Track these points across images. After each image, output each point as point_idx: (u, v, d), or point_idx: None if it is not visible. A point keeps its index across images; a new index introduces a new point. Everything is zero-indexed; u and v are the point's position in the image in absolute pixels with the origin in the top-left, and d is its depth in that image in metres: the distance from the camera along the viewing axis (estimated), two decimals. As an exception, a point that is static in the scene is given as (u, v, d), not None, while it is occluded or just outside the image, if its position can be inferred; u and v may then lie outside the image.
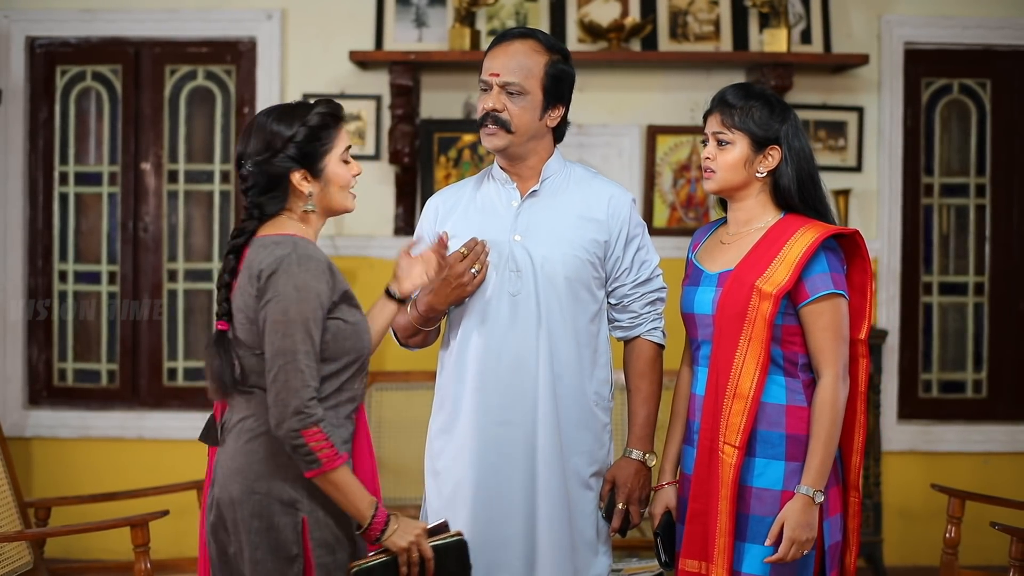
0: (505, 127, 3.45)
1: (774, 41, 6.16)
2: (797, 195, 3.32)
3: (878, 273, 6.46)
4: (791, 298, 3.26)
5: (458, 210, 3.60)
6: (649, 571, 4.32)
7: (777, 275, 3.22)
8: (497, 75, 3.46)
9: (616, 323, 3.62)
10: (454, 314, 3.57)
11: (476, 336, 3.50)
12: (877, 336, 6.33)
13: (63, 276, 6.68)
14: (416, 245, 3.49)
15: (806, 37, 6.40)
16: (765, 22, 6.27)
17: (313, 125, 3.14)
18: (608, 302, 3.60)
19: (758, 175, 3.34)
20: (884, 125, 6.47)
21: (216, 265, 6.55)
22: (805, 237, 3.24)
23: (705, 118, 3.42)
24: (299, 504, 3.07)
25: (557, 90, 3.50)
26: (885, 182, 6.48)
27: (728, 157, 3.34)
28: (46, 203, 6.66)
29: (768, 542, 3.23)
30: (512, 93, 3.44)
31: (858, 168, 6.49)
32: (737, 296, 3.28)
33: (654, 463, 3.61)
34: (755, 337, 3.24)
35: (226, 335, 3.12)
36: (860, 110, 6.46)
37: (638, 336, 3.61)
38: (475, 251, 3.44)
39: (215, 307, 3.18)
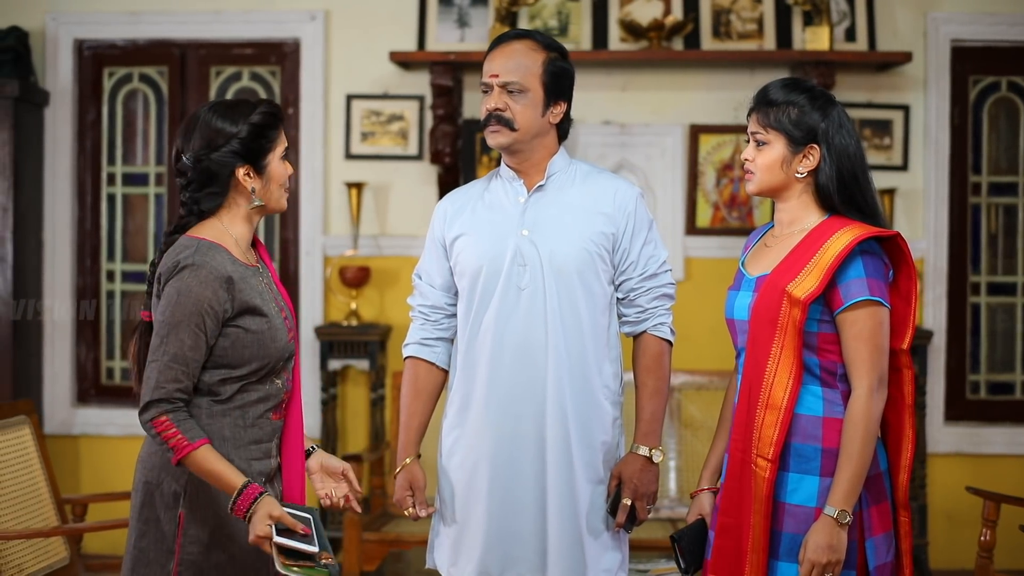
0: (508, 125, 3.47)
1: (816, 39, 6.11)
2: (837, 195, 3.16)
3: (924, 273, 6.39)
4: (828, 305, 3.12)
5: (466, 210, 3.62)
6: (676, 572, 4.30)
7: (808, 280, 3.08)
8: (497, 76, 3.48)
9: (623, 318, 3.61)
10: (463, 311, 3.59)
11: (485, 331, 3.51)
12: (923, 337, 6.26)
13: (110, 276, 6.76)
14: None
15: (851, 35, 6.35)
16: (808, 20, 6.22)
17: (258, 123, 3.17)
18: (616, 297, 3.59)
19: (798, 175, 3.19)
20: (930, 123, 6.40)
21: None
22: (841, 240, 3.08)
23: (748, 116, 3.29)
24: (180, 499, 3.13)
25: (557, 86, 3.51)
26: (932, 181, 6.41)
27: (765, 158, 3.21)
28: (94, 204, 6.75)
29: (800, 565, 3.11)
30: (513, 92, 3.47)
31: (904, 167, 6.42)
32: (770, 302, 3.14)
33: (660, 459, 3.58)
34: (787, 345, 3.10)
35: (151, 326, 3.19)
36: (906, 108, 6.39)
37: (645, 331, 3.59)
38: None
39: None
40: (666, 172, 6.46)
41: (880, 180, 6.32)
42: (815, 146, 3.16)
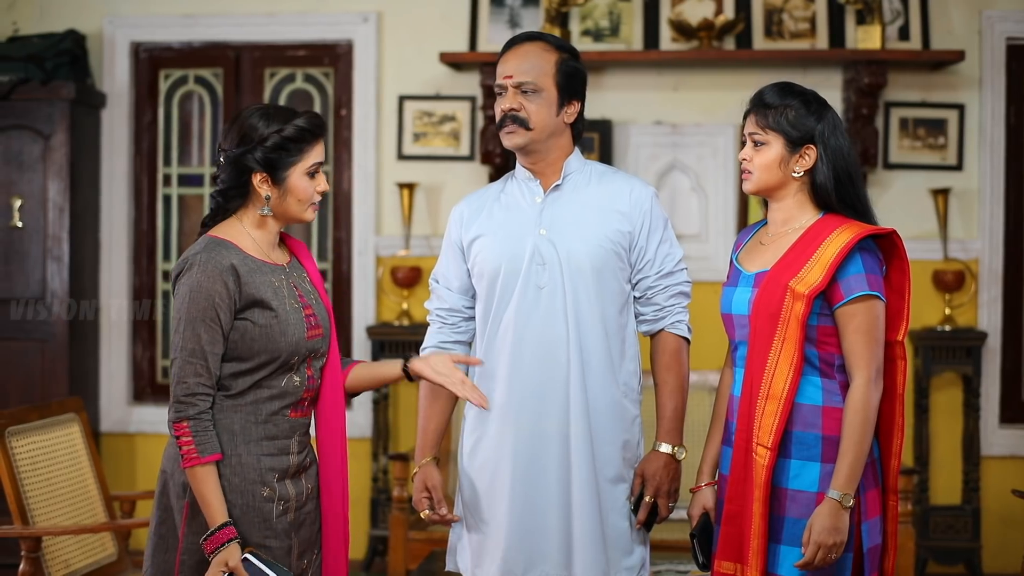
0: (524, 125, 3.50)
1: (868, 38, 6.07)
2: (834, 194, 3.29)
3: (979, 274, 6.33)
4: (827, 299, 3.24)
5: (483, 212, 3.65)
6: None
7: (811, 275, 3.20)
8: (511, 77, 3.52)
9: (641, 317, 3.63)
10: (482, 312, 3.61)
11: (505, 330, 3.53)
12: (977, 338, 6.21)
13: (166, 276, 6.84)
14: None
15: (905, 34, 6.30)
16: (861, 19, 6.18)
17: (286, 135, 3.20)
18: (633, 296, 3.60)
19: (795, 175, 3.31)
20: (985, 122, 6.33)
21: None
22: (841, 237, 3.22)
23: (744, 118, 3.41)
24: (187, 490, 3.20)
25: (570, 86, 3.54)
26: (987, 181, 6.35)
27: (764, 158, 3.32)
28: (150, 204, 6.83)
29: (804, 548, 3.20)
30: (527, 92, 3.50)
31: (959, 167, 6.36)
32: (772, 297, 3.26)
33: (683, 456, 3.60)
34: (789, 338, 3.22)
35: None
36: (961, 107, 6.33)
37: (662, 329, 3.61)
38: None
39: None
40: (718, 172, 6.44)
41: (934, 180, 6.29)
42: (812, 147, 3.31)
